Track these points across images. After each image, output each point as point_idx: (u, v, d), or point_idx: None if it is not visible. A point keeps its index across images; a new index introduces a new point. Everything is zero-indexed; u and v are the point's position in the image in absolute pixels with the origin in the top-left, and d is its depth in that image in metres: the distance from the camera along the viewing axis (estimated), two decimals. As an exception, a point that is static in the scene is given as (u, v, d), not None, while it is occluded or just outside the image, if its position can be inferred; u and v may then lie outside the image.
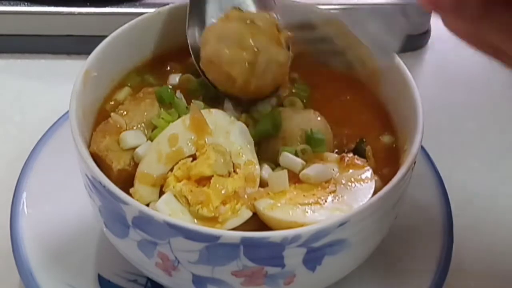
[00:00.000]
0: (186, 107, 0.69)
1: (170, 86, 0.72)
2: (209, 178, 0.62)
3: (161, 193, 0.63)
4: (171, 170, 0.63)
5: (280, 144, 0.66)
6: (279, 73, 0.66)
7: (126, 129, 0.66)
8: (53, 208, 0.76)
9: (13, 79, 0.97)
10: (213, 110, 0.65)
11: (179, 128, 0.64)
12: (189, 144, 0.63)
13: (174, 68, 0.75)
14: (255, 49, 0.65)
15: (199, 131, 0.64)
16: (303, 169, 0.64)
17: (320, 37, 0.65)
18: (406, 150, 0.64)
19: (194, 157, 0.63)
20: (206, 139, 0.64)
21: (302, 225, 0.58)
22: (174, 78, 0.74)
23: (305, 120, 0.67)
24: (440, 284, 0.71)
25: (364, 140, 0.67)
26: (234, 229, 0.60)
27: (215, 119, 0.64)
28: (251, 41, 0.65)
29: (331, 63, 0.65)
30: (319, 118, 0.68)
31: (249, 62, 0.64)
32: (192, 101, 0.68)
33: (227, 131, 0.64)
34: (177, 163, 0.63)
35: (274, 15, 0.68)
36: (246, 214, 0.61)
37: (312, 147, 0.66)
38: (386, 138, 0.70)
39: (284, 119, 0.67)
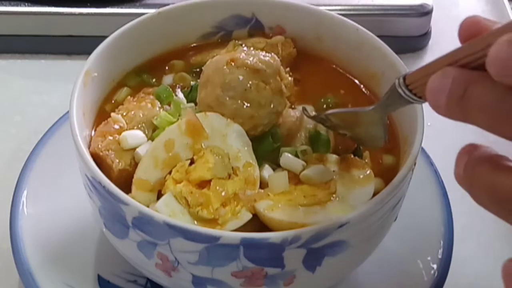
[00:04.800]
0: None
1: (169, 86, 0.72)
2: (209, 181, 0.62)
3: (159, 197, 0.62)
4: (169, 173, 0.63)
5: (283, 143, 0.66)
6: (276, 119, 0.66)
7: (127, 129, 0.66)
8: (53, 208, 0.76)
9: (13, 79, 0.97)
10: (209, 113, 0.64)
11: (174, 133, 0.63)
12: (186, 149, 0.63)
13: (174, 69, 0.75)
14: (258, 103, 0.64)
15: (195, 135, 0.63)
16: (303, 170, 0.64)
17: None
18: (406, 151, 0.64)
19: (192, 160, 0.63)
20: (202, 143, 0.63)
21: (302, 226, 0.58)
22: (168, 79, 0.74)
23: (309, 120, 0.67)
24: (440, 284, 0.71)
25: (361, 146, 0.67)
26: (234, 231, 0.60)
27: (211, 122, 0.64)
28: (256, 96, 0.64)
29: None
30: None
31: (250, 116, 0.64)
32: (182, 105, 0.68)
33: (224, 134, 0.64)
34: (174, 166, 0.63)
35: (278, 58, 0.67)
36: (246, 216, 0.61)
37: (318, 147, 0.66)
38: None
39: (287, 118, 0.67)
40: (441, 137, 0.88)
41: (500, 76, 0.42)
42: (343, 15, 0.75)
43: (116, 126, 0.67)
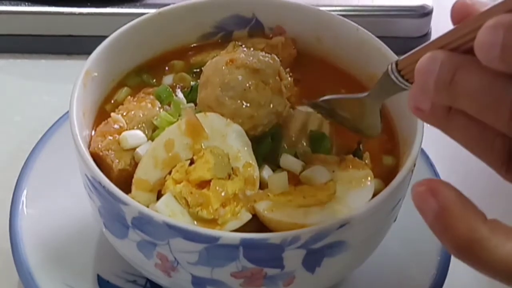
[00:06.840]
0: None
1: (169, 86, 0.72)
2: (208, 181, 0.62)
3: (159, 197, 0.62)
4: (169, 173, 0.63)
5: (283, 143, 0.66)
6: (277, 119, 0.66)
7: (127, 129, 0.67)
8: (53, 208, 0.76)
9: (13, 79, 0.97)
10: (209, 114, 0.64)
11: (174, 133, 0.63)
12: (186, 149, 0.63)
13: (174, 69, 0.76)
14: (258, 103, 0.64)
15: (195, 136, 0.63)
16: (303, 170, 0.64)
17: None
18: (406, 152, 0.64)
19: (191, 160, 0.63)
20: (202, 144, 0.63)
21: (301, 227, 0.58)
22: (169, 79, 0.74)
23: (312, 120, 0.67)
24: (439, 285, 0.71)
25: (361, 145, 0.67)
26: (233, 231, 0.60)
27: (211, 122, 0.64)
28: (255, 96, 0.64)
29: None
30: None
31: (250, 116, 0.64)
32: (182, 105, 0.68)
33: (224, 134, 0.64)
34: (174, 166, 0.63)
35: (278, 59, 0.67)
36: (246, 216, 0.61)
37: (318, 147, 0.66)
38: (385, 140, 0.70)
39: (288, 118, 0.67)
40: (440, 138, 0.88)
41: (487, 61, 0.41)
42: (343, 15, 0.75)
43: (116, 126, 0.67)
